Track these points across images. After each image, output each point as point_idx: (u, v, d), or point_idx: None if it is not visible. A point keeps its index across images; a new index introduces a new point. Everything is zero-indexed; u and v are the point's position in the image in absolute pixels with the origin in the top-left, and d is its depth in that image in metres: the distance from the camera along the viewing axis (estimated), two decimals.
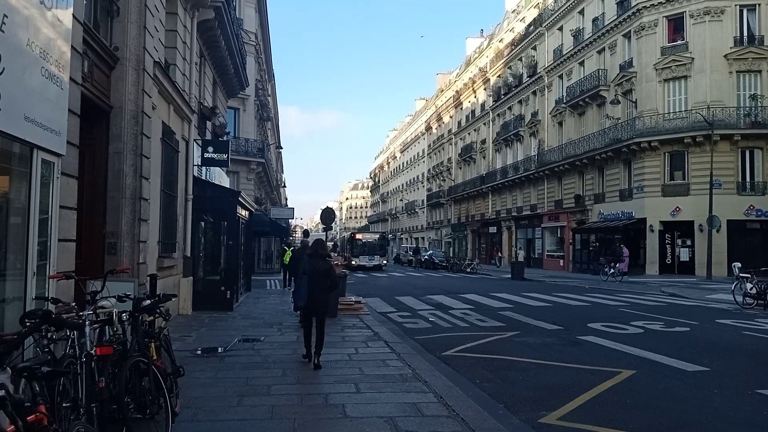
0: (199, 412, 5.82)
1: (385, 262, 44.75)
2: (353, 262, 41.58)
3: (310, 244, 9.53)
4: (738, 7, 31.28)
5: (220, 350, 9.11)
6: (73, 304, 5.21)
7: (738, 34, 31.22)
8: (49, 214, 5.99)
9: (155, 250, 11.17)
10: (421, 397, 6.47)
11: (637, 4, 33.34)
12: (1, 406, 2.53)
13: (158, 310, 5.75)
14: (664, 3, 32.45)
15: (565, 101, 40.98)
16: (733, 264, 18.34)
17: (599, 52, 37.75)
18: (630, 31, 34.44)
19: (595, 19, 38.16)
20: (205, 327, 11.70)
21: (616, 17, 35.55)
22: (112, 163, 9.27)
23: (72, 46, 6.36)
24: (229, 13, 18.94)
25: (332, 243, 60.91)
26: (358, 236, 47.64)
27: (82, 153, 7.29)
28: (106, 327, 4.99)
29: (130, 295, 5.78)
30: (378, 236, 47.46)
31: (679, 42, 32.24)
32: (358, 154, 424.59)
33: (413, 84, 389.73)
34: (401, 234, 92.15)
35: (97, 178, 9.07)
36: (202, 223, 15.78)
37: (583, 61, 39.51)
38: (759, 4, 31.12)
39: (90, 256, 8.71)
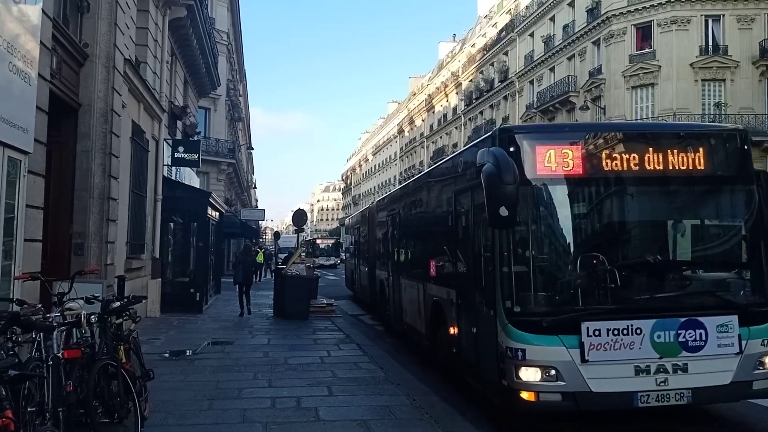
0: (169, 417, 5.74)
1: None
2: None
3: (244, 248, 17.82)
4: (704, 17, 32.03)
5: (189, 353, 8.99)
6: (39, 305, 5.09)
7: (703, 44, 31.94)
8: (15, 213, 5.85)
9: (123, 251, 10.97)
10: (393, 399, 6.48)
11: (607, 12, 33.92)
12: None
13: (127, 312, 5.65)
14: (633, 12, 33.07)
15: (535, 106, 41.44)
16: None
17: (569, 59, 38.28)
18: (599, 38, 35.00)
19: (565, 26, 38.71)
20: (174, 329, 11.53)
21: (586, 24, 36.10)
22: (80, 161, 9.08)
23: (41, 42, 6.24)
24: (201, 11, 18.72)
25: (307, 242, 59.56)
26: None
27: (49, 151, 7.14)
28: (74, 329, 4.88)
29: (98, 296, 5.65)
30: None
31: (646, 50, 32.87)
32: (329, 156, 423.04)
33: (385, 87, 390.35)
34: None
35: (64, 177, 8.88)
36: (172, 224, 15.55)
37: (554, 67, 40.02)
38: (723, 15, 31.94)
39: (56, 257, 8.52)
